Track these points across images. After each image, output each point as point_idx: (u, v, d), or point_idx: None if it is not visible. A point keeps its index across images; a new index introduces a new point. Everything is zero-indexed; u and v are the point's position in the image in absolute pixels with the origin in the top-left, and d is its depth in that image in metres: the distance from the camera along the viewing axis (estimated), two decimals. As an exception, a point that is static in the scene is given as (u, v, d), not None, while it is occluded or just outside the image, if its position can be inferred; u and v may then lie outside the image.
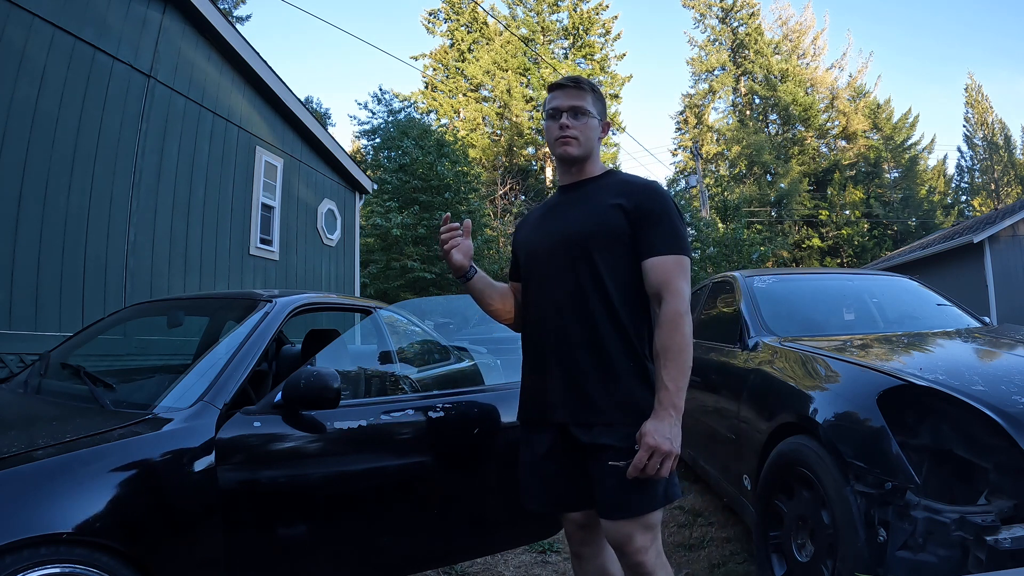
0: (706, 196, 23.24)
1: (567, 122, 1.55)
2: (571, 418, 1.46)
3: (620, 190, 1.53)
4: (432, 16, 28.43)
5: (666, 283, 1.42)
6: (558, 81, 1.61)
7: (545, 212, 1.68)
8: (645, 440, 1.31)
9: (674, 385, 1.34)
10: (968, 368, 2.05)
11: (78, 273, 4.66)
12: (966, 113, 31.97)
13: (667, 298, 1.41)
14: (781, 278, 3.57)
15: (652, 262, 1.45)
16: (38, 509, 1.28)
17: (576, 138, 1.55)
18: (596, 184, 1.59)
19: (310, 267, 8.03)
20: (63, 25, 4.49)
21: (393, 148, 18.01)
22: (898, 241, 26.24)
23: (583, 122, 1.55)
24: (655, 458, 1.30)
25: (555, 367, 1.50)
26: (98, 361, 2.99)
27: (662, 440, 1.30)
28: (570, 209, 1.58)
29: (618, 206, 1.49)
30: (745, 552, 2.71)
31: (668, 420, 1.32)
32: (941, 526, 1.55)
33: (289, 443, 1.78)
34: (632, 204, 1.49)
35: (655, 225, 1.46)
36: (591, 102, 1.57)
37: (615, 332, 1.47)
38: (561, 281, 1.52)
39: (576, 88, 1.58)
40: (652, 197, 1.50)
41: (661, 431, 1.31)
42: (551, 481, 1.53)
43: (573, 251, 1.51)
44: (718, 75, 30.63)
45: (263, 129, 7.08)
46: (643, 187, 1.54)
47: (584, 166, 1.61)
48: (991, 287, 12.27)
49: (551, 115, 1.58)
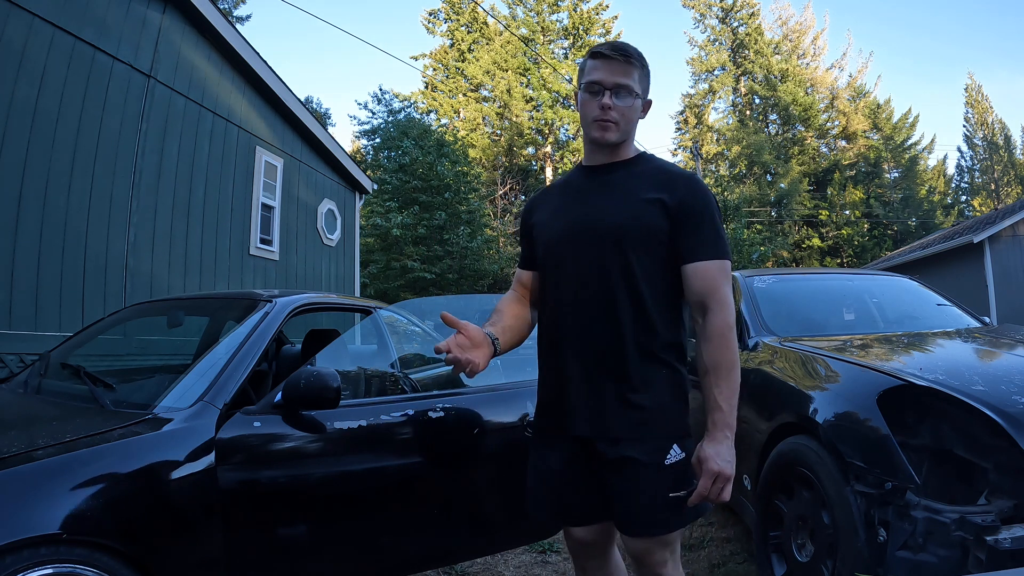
0: (706, 196, 23.19)
1: (609, 102, 1.33)
2: (595, 433, 1.33)
3: (659, 181, 1.35)
4: (432, 16, 28.44)
5: (711, 292, 1.29)
6: (602, 49, 1.35)
7: (568, 196, 1.47)
8: (708, 466, 1.21)
9: (728, 405, 1.25)
10: (968, 368, 2.05)
11: (78, 273, 4.66)
12: (966, 113, 32.00)
13: (714, 308, 1.29)
14: (781, 278, 3.57)
15: (695, 268, 1.31)
16: (38, 509, 1.28)
17: (616, 123, 1.35)
18: (629, 170, 1.40)
19: (310, 267, 8.03)
20: (63, 25, 4.49)
21: (393, 148, 18.03)
22: (898, 241, 26.24)
23: (627, 104, 1.35)
24: (718, 483, 1.22)
25: (577, 375, 1.36)
26: (98, 361, 2.99)
27: (724, 464, 1.22)
28: (599, 196, 1.39)
29: (658, 201, 1.32)
30: (745, 552, 2.71)
31: (726, 442, 1.24)
32: (941, 526, 1.55)
33: (289, 443, 1.78)
34: (674, 200, 1.32)
35: (698, 226, 1.32)
36: (638, 79, 1.36)
37: (647, 338, 1.33)
38: (587, 279, 1.36)
39: (624, 62, 1.34)
40: (696, 194, 1.34)
41: (722, 455, 1.22)
42: (564, 493, 1.41)
43: (603, 246, 1.34)
44: (718, 75, 30.62)
45: (263, 129, 7.08)
46: (686, 182, 1.36)
47: (618, 148, 1.41)
48: (991, 287, 12.28)
49: (590, 90, 1.35)
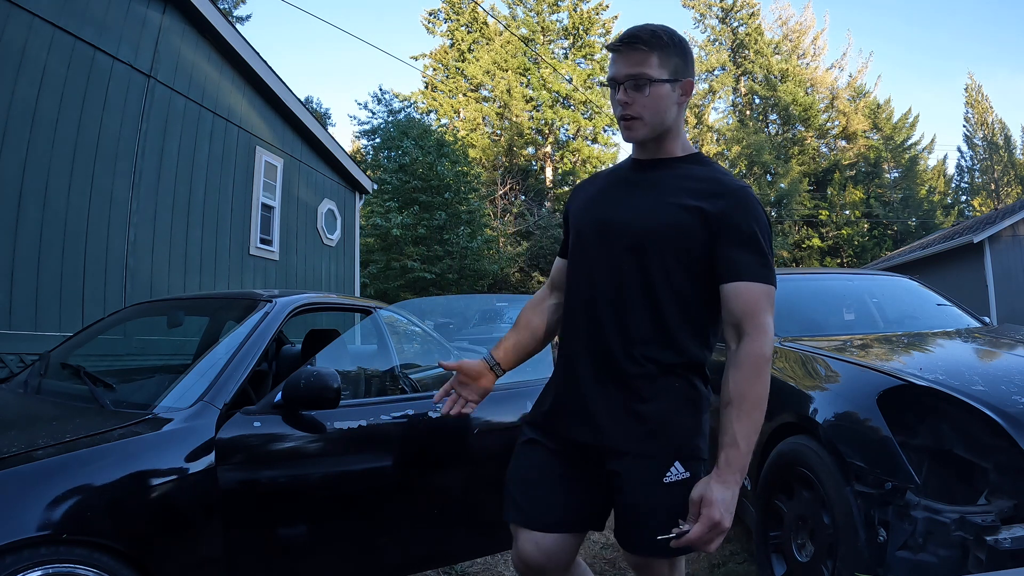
0: (706, 196, 23.21)
1: (625, 97, 1.22)
2: (596, 440, 1.24)
3: (705, 189, 1.22)
4: (432, 16, 28.43)
5: (751, 316, 1.17)
6: (612, 43, 1.26)
7: (608, 186, 1.36)
8: (709, 513, 1.07)
9: (746, 444, 1.11)
10: (968, 368, 2.05)
11: (78, 273, 4.65)
12: (966, 113, 32.00)
13: (752, 334, 1.15)
14: (781, 278, 3.53)
15: (736, 288, 1.18)
16: (38, 509, 1.28)
17: (638, 117, 1.23)
18: (675, 170, 1.28)
19: (310, 267, 8.03)
20: (63, 25, 4.49)
21: (393, 148, 18.03)
22: (898, 241, 26.24)
23: (647, 93, 1.21)
24: (712, 532, 1.08)
25: (586, 378, 1.26)
26: (98, 361, 2.99)
27: (725, 515, 1.07)
28: (636, 193, 1.29)
29: (697, 209, 1.20)
30: (745, 552, 2.71)
31: (734, 488, 1.10)
32: (941, 526, 1.55)
33: (289, 443, 1.78)
34: (717, 209, 1.20)
35: (744, 244, 1.19)
36: (657, 63, 1.21)
37: (662, 352, 1.22)
38: (603, 281, 1.27)
39: (632, 49, 1.22)
40: (745, 207, 1.21)
41: (727, 503, 1.08)
42: (549, 498, 1.29)
43: (624, 249, 1.24)
44: (718, 75, 30.61)
45: (263, 129, 7.08)
46: (735, 192, 1.22)
47: (662, 143, 1.28)
48: (991, 287, 12.28)
49: (611, 86, 1.27)
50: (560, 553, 1.30)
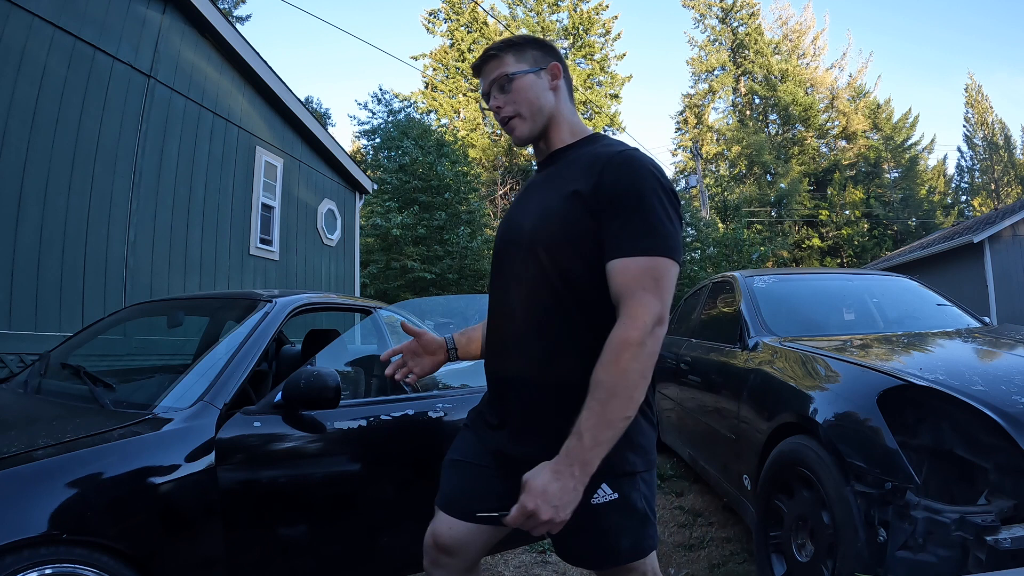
0: (706, 196, 23.25)
1: (496, 102, 1.22)
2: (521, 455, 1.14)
3: (584, 169, 1.14)
4: (432, 16, 28.44)
5: (625, 296, 1.03)
6: (472, 67, 1.27)
7: (518, 196, 1.33)
8: (523, 500, 0.98)
9: (591, 437, 0.98)
10: (968, 368, 2.05)
11: (78, 273, 4.66)
12: (966, 113, 32.01)
13: (621, 317, 1.03)
14: (781, 278, 3.57)
15: (612, 267, 1.07)
16: (38, 509, 1.28)
17: (515, 114, 1.21)
18: (564, 158, 1.21)
19: (310, 267, 8.03)
20: (63, 25, 4.49)
21: (393, 148, 18.01)
22: (898, 241, 26.25)
23: (512, 89, 1.21)
24: (529, 523, 0.99)
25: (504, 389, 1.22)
26: (98, 361, 2.99)
27: (544, 507, 0.97)
28: (533, 196, 1.24)
29: (576, 193, 1.11)
30: (745, 552, 2.71)
31: (565, 480, 0.98)
32: (941, 526, 1.55)
33: (289, 443, 1.78)
34: (593, 186, 1.09)
35: (621, 213, 1.07)
36: (513, 60, 1.21)
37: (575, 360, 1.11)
38: (516, 287, 1.20)
39: (488, 61, 1.23)
40: (621, 173, 1.09)
41: (550, 494, 0.97)
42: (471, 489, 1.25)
43: (521, 255, 1.18)
44: (718, 75, 30.63)
45: (263, 129, 7.08)
46: (609, 160, 1.12)
47: (549, 135, 1.24)
48: (991, 287, 12.28)
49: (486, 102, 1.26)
50: (471, 544, 1.26)
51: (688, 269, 17.47)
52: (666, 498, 3.59)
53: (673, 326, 4.76)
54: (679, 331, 4.39)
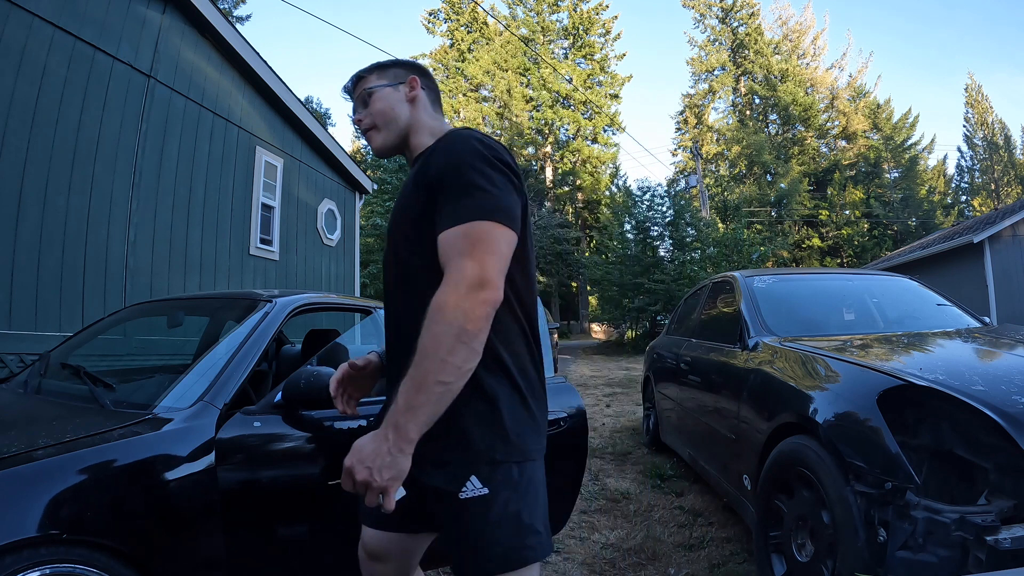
0: (706, 196, 23.26)
1: (357, 116, 1.31)
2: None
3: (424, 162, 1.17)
4: (432, 16, 28.46)
5: (445, 266, 1.02)
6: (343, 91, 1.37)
7: None
8: (345, 459, 1.01)
9: (404, 400, 0.97)
10: (968, 368, 2.05)
11: (78, 273, 4.66)
12: (966, 113, 32.06)
13: (443, 283, 1.01)
14: (781, 278, 3.57)
15: (438, 243, 1.06)
16: (38, 509, 1.28)
17: (372, 127, 1.29)
18: (423, 159, 1.22)
19: (310, 267, 8.04)
20: (63, 25, 4.49)
21: (393, 148, 18.00)
22: (898, 241, 26.27)
23: (371, 101, 1.28)
24: (348, 482, 1.00)
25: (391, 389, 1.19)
26: (98, 361, 2.99)
27: (358, 466, 0.97)
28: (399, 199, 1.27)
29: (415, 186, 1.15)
30: (745, 552, 2.71)
31: (379, 443, 0.97)
32: (941, 526, 1.55)
33: (289, 443, 1.78)
34: (426, 174, 1.12)
35: (446, 190, 1.07)
36: (375, 78, 1.30)
37: None
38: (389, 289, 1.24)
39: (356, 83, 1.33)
40: (443, 154, 1.12)
41: (364, 454, 0.98)
42: None
43: (391, 252, 1.22)
44: (718, 75, 30.65)
45: (263, 129, 7.08)
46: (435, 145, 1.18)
47: (411, 143, 1.29)
48: (991, 287, 12.29)
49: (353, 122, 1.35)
50: (397, 551, 1.28)
51: (688, 269, 17.49)
52: (666, 498, 3.59)
53: (673, 326, 4.77)
54: (679, 331, 4.39)
